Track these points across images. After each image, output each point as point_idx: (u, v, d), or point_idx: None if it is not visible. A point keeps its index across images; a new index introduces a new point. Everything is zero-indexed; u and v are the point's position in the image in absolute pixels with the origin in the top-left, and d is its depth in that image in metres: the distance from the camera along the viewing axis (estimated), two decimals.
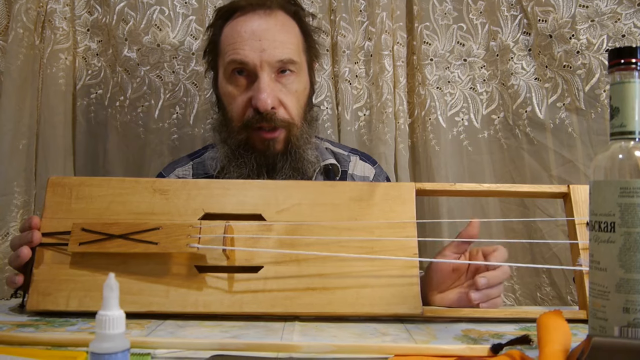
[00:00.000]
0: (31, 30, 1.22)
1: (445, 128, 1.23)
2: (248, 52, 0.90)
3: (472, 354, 0.53)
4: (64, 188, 0.75)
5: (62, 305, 0.69)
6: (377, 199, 0.74)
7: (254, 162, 0.93)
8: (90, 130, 1.28)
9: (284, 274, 0.71)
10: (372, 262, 0.71)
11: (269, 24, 0.92)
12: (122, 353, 0.41)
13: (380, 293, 0.70)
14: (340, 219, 0.73)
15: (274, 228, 0.73)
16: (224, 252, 0.70)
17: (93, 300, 0.69)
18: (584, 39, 1.15)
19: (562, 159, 1.19)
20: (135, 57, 1.24)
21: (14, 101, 1.20)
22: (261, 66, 0.90)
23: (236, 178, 0.93)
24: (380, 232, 0.73)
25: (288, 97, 0.93)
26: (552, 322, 0.51)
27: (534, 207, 1.20)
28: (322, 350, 0.54)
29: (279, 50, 0.91)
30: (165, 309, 0.69)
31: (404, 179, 1.22)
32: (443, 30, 1.24)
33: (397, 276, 0.71)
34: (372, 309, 0.69)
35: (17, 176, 1.20)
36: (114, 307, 0.42)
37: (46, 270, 0.71)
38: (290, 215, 0.74)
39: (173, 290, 0.70)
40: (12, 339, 0.56)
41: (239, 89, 0.93)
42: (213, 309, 0.69)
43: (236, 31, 0.93)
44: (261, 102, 0.89)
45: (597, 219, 0.51)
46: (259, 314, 0.69)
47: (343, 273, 0.71)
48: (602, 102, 1.15)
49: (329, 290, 0.70)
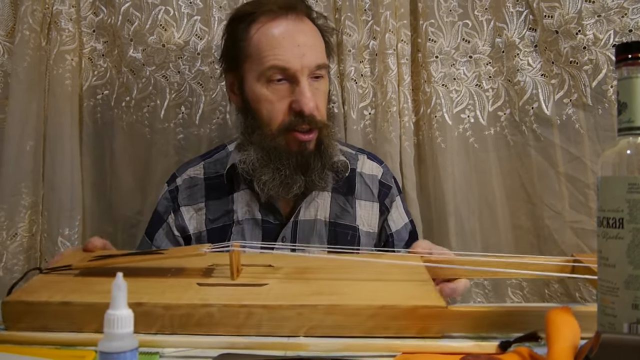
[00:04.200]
0: (37, 32, 1.22)
1: (451, 125, 1.23)
2: (290, 58, 0.92)
3: (480, 351, 0.53)
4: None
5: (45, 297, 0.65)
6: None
7: (292, 163, 0.94)
8: (96, 131, 1.28)
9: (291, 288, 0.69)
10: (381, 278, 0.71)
11: (303, 29, 0.95)
12: (131, 352, 0.41)
13: (396, 287, 0.69)
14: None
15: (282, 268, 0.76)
16: (230, 267, 0.70)
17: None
18: (590, 35, 1.14)
19: (570, 156, 1.18)
20: (141, 57, 1.24)
21: (21, 103, 1.20)
22: (302, 71, 0.92)
23: (271, 179, 0.94)
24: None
25: (321, 99, 0.96)
26: (560, 319, 0.51)
27: (541, 204, 1.20)
28: (330, 347, 0.54)
29: (315, 55, 0.94)
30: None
31: (409, 177, 1.22)
32: (448, 27, 1.23)
33: (409, 280, 0.71)
34: (388, 301, 0.63)
35: (25, 177, 1.21)
36: (122, 306, 0.42)
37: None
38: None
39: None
40: (22, 339, 0.57)
41: (277, 93, 0.94)
42: (212, 301, 0.64)
43: (272, 35, 0.93)
44: (307, 107, 0.91)
45: (605, 215, 0.51)
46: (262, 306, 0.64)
47: (353, 285, 0.70)
48: (609, 98, 1.14)
49: (338, 294, 0.66)
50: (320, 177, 0.96)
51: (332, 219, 1.00)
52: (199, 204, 1.01)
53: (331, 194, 1.02)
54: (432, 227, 1.24)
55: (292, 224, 0.99)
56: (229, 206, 1.00)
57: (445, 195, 1.21)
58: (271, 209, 0.99)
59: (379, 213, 1.04)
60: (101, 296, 0.63)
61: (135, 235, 1.23)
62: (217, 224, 1.00)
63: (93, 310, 0.61)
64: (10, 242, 1.20)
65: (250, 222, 0.99)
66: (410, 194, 1.21)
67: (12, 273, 1.19)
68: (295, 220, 0.99)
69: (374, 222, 1.03)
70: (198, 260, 0.77)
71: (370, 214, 1.03)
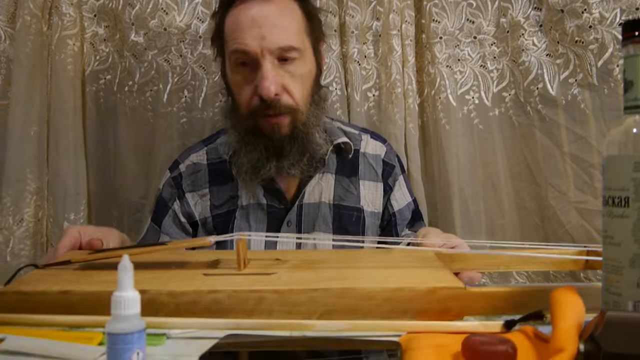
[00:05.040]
0: (38, 17, 1.22)
1: (455, 107, 1.22)
2: (249, 41, 0.90)
3: (485, 330, 0.53)
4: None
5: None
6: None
7: (262, 146, 0.94)
8: (100, 116, 1.29)
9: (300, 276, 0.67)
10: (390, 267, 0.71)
11: (268, 11, 0.92)
12: (138, 333, 0.42)
13: (410, 272, 0.67)
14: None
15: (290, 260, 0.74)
16: (237, 257, 0.68)
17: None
18: (596, 13, 1.13)
19: (575, 136, 1.18)
20: (143, 41, 1.24)
21: (23, 89, 1.20)
22: (262, 54, 0.90)
23: (247, 162, 0.95)
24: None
25: (292, 82, 0.93)
26: (565, 298, 0.51)
27: (546, 185, 1.20)
28: (336, 328, 0.55)
29: (279, 37, 0.91)
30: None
31: (414, 159, 1.22)
32: (452, 7, 1.22)
33: (422, 267, 0.70)
34: (404, 284, 0.60)
35: (29, 163, 1.21)
36: (128, 288, 0.42)
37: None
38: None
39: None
40: (29, 321, 0.57)
41: (244, 78, 0.94)
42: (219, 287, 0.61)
43: (237, 20, 0.93)
44: (265, 90, 0.89)
45: (610, 193, 0.51)
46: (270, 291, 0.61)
47: (365, 272, 0.69)
48: (615, 78, 1.13)
49: (350, 279, 0.64)
50: (294, 163, 0.95)
51: (337, 201, 1.00)
52: (203, 190, 1.02)
53: (335, 176, 1.02)
54: (436, 209, 1.24)
55: (297, 208, 0.99)
56: (233, 191, 1.00)
57: (450, 177, 1.21)
58: (275, 194, 0.99)
59: (383, 192, 1.04)
60: (101, 285, 0.62)
61: (140, 220, 1.23)
62: (222, 210, 1.00)
63: (93, 300, 0.59)
64: (16, 227, 1.20)
65: (255, 207, 0.99)
66: (415, 176, 1.21)
67: (20, 258, 1.20)
68: (300, 204, 0.99)
69: (378, 203, 1.04)
70: (201, 255, 0.76)
71: (375, 194, 1.03)
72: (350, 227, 1.00)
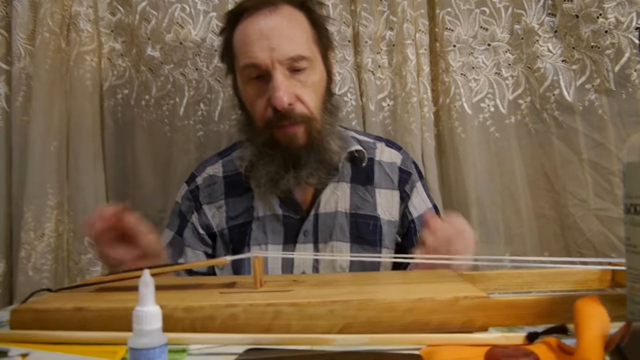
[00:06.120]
0: (57, 33, 1.24)
1: (470, 115, 1.22)
2: (258, 54, 0.91)
3: (507, 342, 0.53)
4: None
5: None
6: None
7: (280, 158, 0.94)
8: (118, 131, 1.30)
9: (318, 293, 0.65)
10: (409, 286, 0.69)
11: (275, 22, 0.92)
12: (160, 348, 0.42)
13: (430, 286, 0.65)
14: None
15: (307, 281, 0.73)
16: (254, 275, 0.68)
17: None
18: (612, 18, 1.12)
19: (593, 142, 1.16)
20: (159, 55, 1.25)
21: (43, 104, 1.22)
22: (273, 65, 0.91)
23: (265, 175, 0.95)
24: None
25: (304, 91, 0.93)
26: (589, 308, 0.50)
27: (565, 192, 1.18)
28: (356, 342, 0.54)
29: (288, 47, 0.91)
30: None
31: (430, 168, 1.21)
32: (465, 15, 1.22)
33: (441, 282, 0.69)
34: (425, 294, 0.59)
35: (50, 178, 1.23)
36: (150, 303, 0.43)
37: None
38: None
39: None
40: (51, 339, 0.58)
41: (256, 91, 0.94)
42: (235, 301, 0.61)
43: (245, 34, 0.93)
44: (278, 101, 0.90)
45: (632, 201, 0.50)
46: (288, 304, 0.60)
47: (384, 287, 0.69)
48: (632, 82, 1.12)
49: (370, 292, 0.63)
50: (312, 173, 0.94)
51: (353, 210, 1.00)
52: (219, 202, 1.02)
53: (350, 185, 1.02)
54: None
55: (313, 218, 0.99)
56: (249, 203, 1.00)
57: (467, 186, 1.20)
58: (292, 204, 0.99)
59: (400, 200, 1.04)
60: (116, 303, 0.61)
61: (158, 233, 1.24)
62: (238, 221, 1.00)
63: (107, 316, 0.59)
64: (38, 242, 1.22)
65: (272, 218, 0.99)
66: (431, 186, 1.20)
67: (42, 273, 1.21)
68: (316, 214, 0.99)
69: (395, 211, 1.03)
70: (218, 278, 0.76)
71: (391, 202, 1.03)
72: (368, 236, 0.99)
